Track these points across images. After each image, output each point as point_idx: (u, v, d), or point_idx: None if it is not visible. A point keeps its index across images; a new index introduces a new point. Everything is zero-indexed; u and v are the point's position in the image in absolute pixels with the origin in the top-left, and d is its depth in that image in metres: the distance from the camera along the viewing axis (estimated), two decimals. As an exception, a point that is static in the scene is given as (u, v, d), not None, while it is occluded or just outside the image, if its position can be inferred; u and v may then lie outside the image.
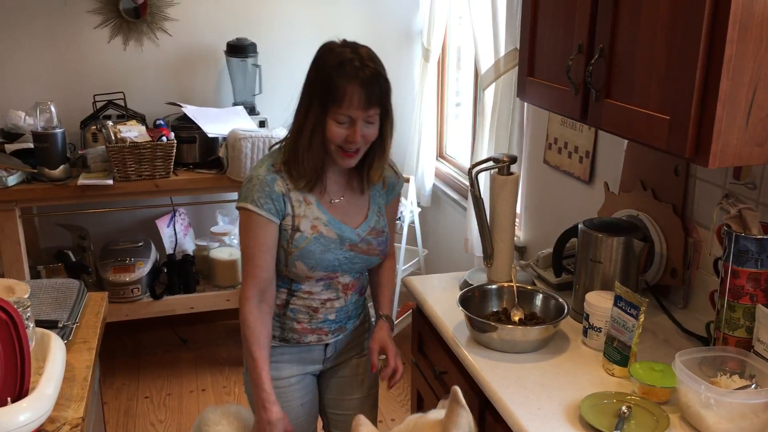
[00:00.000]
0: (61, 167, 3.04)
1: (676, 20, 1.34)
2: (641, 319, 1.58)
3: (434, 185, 3.69)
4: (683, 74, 1.33)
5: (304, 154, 1.71)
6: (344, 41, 1.72)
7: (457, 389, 1.37)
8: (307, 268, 1.78)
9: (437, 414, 1.46)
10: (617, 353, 1.62)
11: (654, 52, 1.41)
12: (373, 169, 1.81)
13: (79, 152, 3.21)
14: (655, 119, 1.41)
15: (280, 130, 3.19)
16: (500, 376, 1.63)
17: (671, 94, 1.37)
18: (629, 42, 1.49)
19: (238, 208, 1.76)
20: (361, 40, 1.73)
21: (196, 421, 1.95)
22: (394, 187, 1.93)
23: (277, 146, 1.83)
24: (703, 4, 1.26)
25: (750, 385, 1.43)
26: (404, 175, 3.51)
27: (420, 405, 2.17)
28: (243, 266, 1.78)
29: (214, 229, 3.61)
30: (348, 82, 1.63)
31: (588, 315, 1.74)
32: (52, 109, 3.01)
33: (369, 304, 2.04)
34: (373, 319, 2.00)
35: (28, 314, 1.56)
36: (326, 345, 1.91)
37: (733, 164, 1.35)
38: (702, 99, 1.31)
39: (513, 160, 1.97)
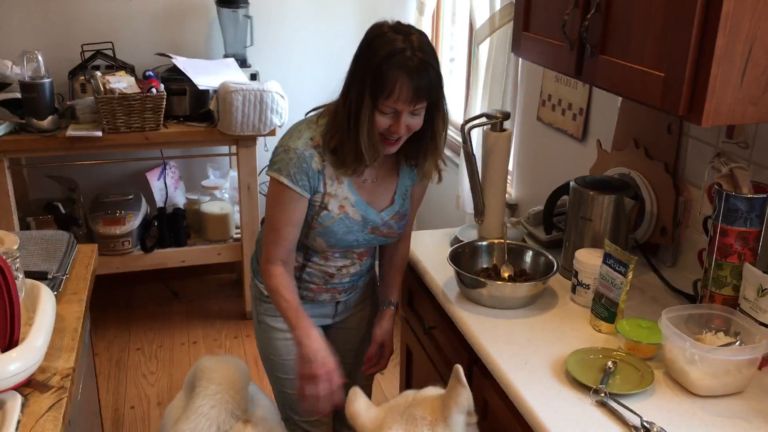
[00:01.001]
0: (50, 118, 3.00)
1: (675, -25, 1.31)
2: (629, 277, 1.59)
3: (427, 141, 3.66)
4: (679, 30, 1.31)
5: (366, 145, 1.65)
6: (397, 24, 1.64)
7: (459, 368, 1.39)
8: (326, 245, 1.79)
9: (433, 391, 1.48)
10: (605, 310, 1.64)
11: (651, 7, 1.39)
12: (427, 162, 1.78)
13: (68, 103, 3.17)
14: (649, 76, 1.40)
15: (272, 84, 3.16)
16: (489, 332, 1.64)
17: (667, 50, 1.35)
18: (626, -3, 1.46)
19: (269, 175, 1.72)
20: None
21: (191, 369, 1.95)
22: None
23: (313, 114, 1.78)
24: (703, -41, 1.23)
25: (734, 342, 1.45)
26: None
27: (409, 360, 2.20)
28: (266, 233, 1.77)
29: (204, 182, 3.60)
30: (398, 75, 1.57)
31: (577, 272, 1.75)
32: (40, 58, 2.96)
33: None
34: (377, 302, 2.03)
35: (17, 265, 1.56)
36: (338, 302, 1.95)
37: (727, 123, 1.34)
38: (697, 56, 1.29)
39: (506, 116, 1.96)
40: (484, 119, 1.98)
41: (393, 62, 1.57)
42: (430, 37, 3.55)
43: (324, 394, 1.70)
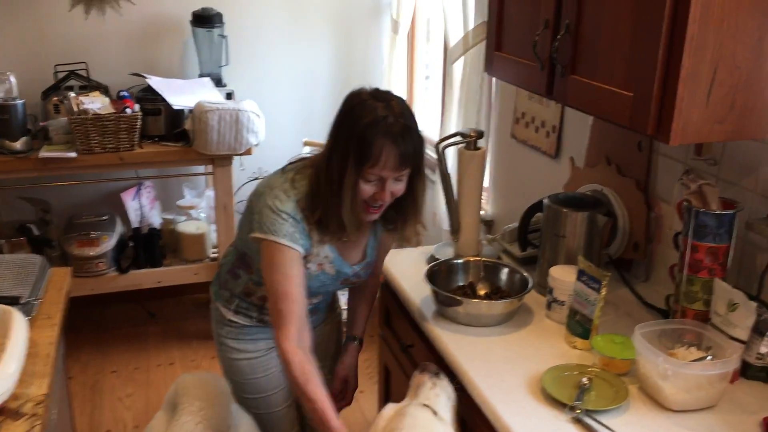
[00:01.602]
0: (22, 139, 2.98)
1: (641, -3, 1.34)
2: (603, 293, 1.60)
3: (403, 159, 3.68)
4: (646, 52, 1.34)
5: (346, 216, 1.64)
6: (375, 91, 1.64)
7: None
8: None
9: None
10: (579, 326, 1.65)
11: (618, 29, 1.42)
12: (408, 227, 1.77)
13: (41, 124, 3.14)
14: (618, 96, 1.43)
15: (247, 103, 3.16)
16: (465, 350, 1.65)
17: (635, 71, 1.38)
18: (594, 19, 1.49)
19: (264, 239, 1.65)
20: (330, 12, 1.71)
21: (171, 387, 1.92)
22: None
23: (290, 170, 1.74)
24: (667, -18, 1.26)
25: (706, 357, 1.47)
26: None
27: (387, 378, 2.20)
28: (275, 303, 1.67)
29: (180, 202, 3.58)
30: (383, 144, 1.57)
31: (552, 289, 1.77)
32: (12, 79, 2.94)
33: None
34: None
35: (-11, 291, 1.54)
36: None
37: (694, 141, 1.38)
38: (664, 77, 1.32)
39: (480, 135, 1.98)
40: (458, 138, 2.00)
41: (377, 130, 1.57)
42: (404, 55, 3.60)
43: None
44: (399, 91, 3.59)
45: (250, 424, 1.86)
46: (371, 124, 1.57)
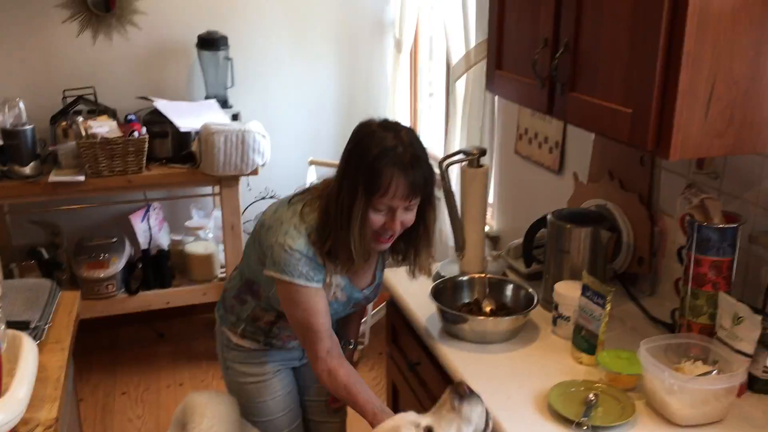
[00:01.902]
0: (32, 164, 3.01)
1: (637, 16, 1.36)
2: (608, 308, 1.61)
3: (408, 176, 3.70)
4: (644, 69, 1.35)
5: (357, 246, 1.64)
6: (384, 122, 1.65)
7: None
8: None
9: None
10: (585, 342, 1.65)
11: (616, 46, 1.43)
12: (421, 258, 1.78)
13: (50, 148, 3.18)
14: (617, 112, 1.44)
15: (253, 124, 3.19)
16: (472, 367, 1.65)
17: (633, 87, 1.39)
18: (593, 37, 1.51)
19: (277, 278, 1.67)
20: (335, 32, 1.73)
21: (180, 405, 1.93)
22: None
23: (297, 201, 1.74)
24: (663, 0, 1.28)
25: (712, 371, 1.47)
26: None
27: (395, 396, 2.20)
28: (303, 337, 1.72)
29: (188, 223, 3.60)
30: (393, 173, 1.57)
31: (557, 305, 1.77)
32: (21, 105, 2.98)
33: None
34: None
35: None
36: None
37: (694, 156, 1.38)
38: (663, 93, 1.33)
39: (482, 152, 1.99)
40: (461, 156, 2.01)
41: (387, 160, 1.57)
42: (408, 73, 3.63)
43: None
44: (403, 109, 3.62)
45: None
46: (381, 154, 1.58)
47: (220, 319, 1.96)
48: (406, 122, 3.57)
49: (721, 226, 1.54)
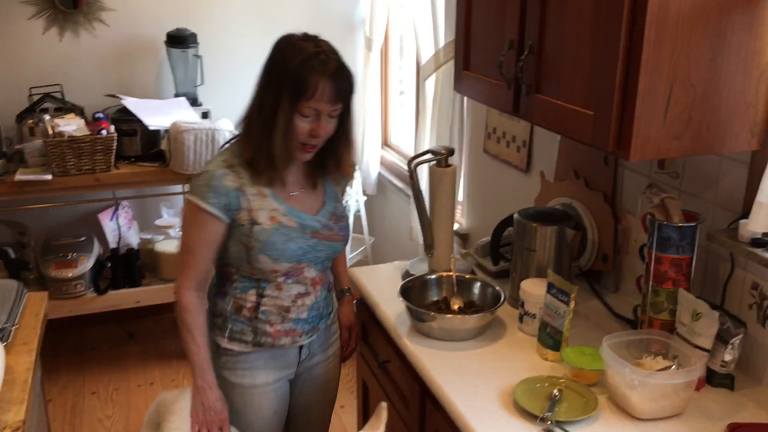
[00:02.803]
0: (-3, 163, 2.97)
1: (598, 21, 1.39)
2: (572, 306, 1.64)
3: (380, 173, 3.73)
4: (605, 72, 1.38)
5: (280, 150, 1.69)
6: (304, 35, 1.72)
7: (384, 405, 1.49)
8: (271, 260, 1.75)
9: None
10: (550, 338, 1.69)
11: (579, 50, 1.47)
12: (343, 163, 1.82)
13: (16, 147, 3.14)
14: (580, 114, 1.47)
15: (223, 122, 3.18)
16: (439, 365, 1.68)
17: (595, 90, 1.43)
18: (556, 40, 1.54)
19: (186, 198, 1.77)
20: (304, 30, 1.75)
21: (152, 405, 1.92)
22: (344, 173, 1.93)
23: (228, 144, 1.82)
24: (622, 7, 1.31)
25: (671, 366, 1.51)
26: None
27: (366, 394, 2.22)
28: (181, 256, 1.79)
29: (158, 222, 3.58)
30: (319, 76, 1.64)
31: (523, 302, 1.81)
32: (-14, 103, 2.94)
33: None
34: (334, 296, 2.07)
35: (-35, 318, 1.55)
36: (301, 347, 1.90)
37: (653, 158, 1.42)
38: (623, 96, 1.37)
39: (451, 152, 2.02)
40: (429, 155, 2.04)
41: (312, 65, 1.64)
42: (378, 72, 3.64)
43: (208, 425, 1.77)
44: (373, 107, 3.63)
45: None
46: (305, 60, 1.64)
47: (210, 325, 1.88)
48: (377, 119, 3.63)
49: (680, 224, 1.58)
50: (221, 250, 1.79)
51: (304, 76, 1.64)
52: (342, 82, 1.68)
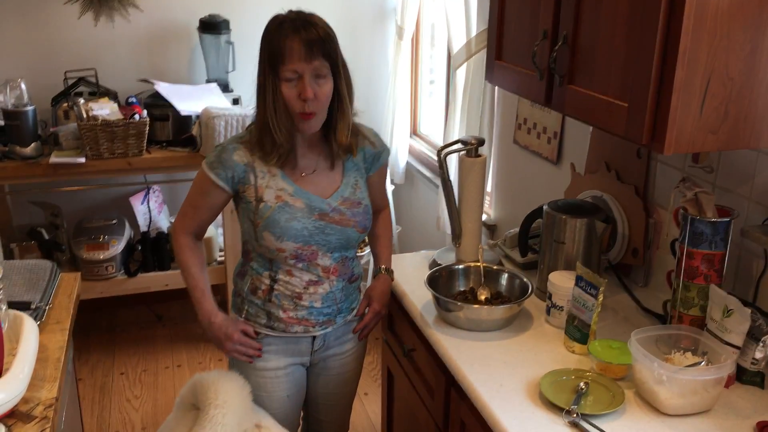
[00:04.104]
0: (33, 145, 3.02)
1: (635, 11, 1.37)
2: (600, 299, 1.63)
3: (408, 163, 3.72)
4: (641, 63, 1.37)
5: (275, 123, 1.72)
6: (288, 11, 1.74)
7: None
8: (274, 237, 1.77)
9: None
10: (577, 331, 1.68)
11: (614, 41, 1.45)
12: (338, 131, 1.79)
13: (51, 130, 3.19)
14: (614, 106, 1.46)
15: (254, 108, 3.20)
16: (465, 354, 1.68)
17: (629, 82, 1.41)
18: (591, 30, 1.52)
19: (201, 166, 1.85)
20: (335, 18, 1.76)
21: (186, 387, 1.92)
22: (377, 157, 1.91)
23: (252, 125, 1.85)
24: (660, -4, 1.29)
25: (701, 362, 1.50)
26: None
27: (390, 382, 2.23)
28: (184, 204, 1.90)
29: (188, 206, 3.61)
30: (286, 37, 1.67)
31: (551, 294, 1.80)
32: (23, 86, 2.99)
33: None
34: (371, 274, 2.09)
35: (0, 296, 1.58)
36: (314, 337, 1.91)
37: (688, 151, 1.40)
38: (658, 88, 1.35)
39: (481, 142, 2.01)
40: (459, 145, 2.03)
41: (281, 30, 1.68)
42: (409, 60, 3.63)
43: (240, 352, 1.88)
44: (403, 96, 3.62)
45: (272, 419, 1.88)
46: (276, 28, 1.70)
47: (232, 307, 1.95)
48: (406, 108, 3.62)
49: (713, 219, 1.56)
50: (240, 226, 1.88)
51: (275, 42, 1.68)
52: (310, 38, 1.67)
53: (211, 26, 3.42)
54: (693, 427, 1.42)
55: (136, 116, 3.08)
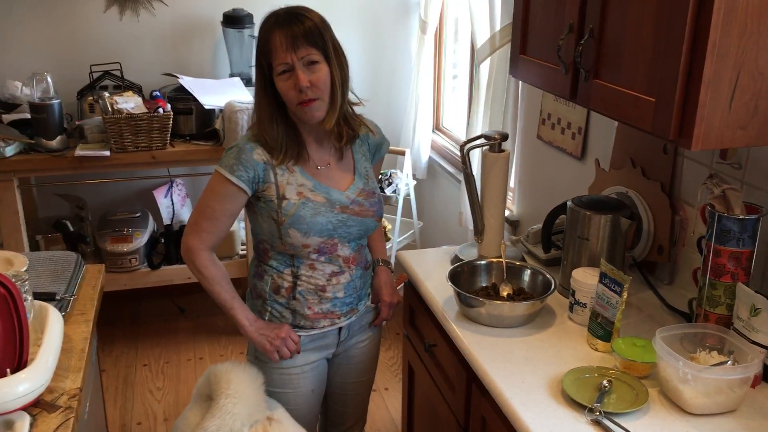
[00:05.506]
0: (58, 138, 3.06)
1: (664, 4, 1.35)
2: (624, 296, 1.61)
3: (430, 158, 3.71)
4: (669, 58, 1.34)
5: (272, 123, 1.74)
6: (280, 7, 1.75)
7: None
8: (300, 234, 1.77)
9: None
10: (601, 328, 1.66)
11: (641, 35, 1.42)
12: (329, 115, 1.77)
13: (76, 123, 3.23)
14: (641, 101, 1.43)
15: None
16: (487, 350, 1.67)
17: (657, 76, 1.39)
18: (618, 24, 1.50)
19: (214, 170, 1.80)
20: (359, 13, 1.77)
21: (201, 378, 1.94)
22: (379, 147, 1.96)
23: None
24: (689, -11, 1.27)
25: (727, 361, 1.48)
26: (400, 147, 3.53)
27: (411, 378, 2.22)
28: (197, 219, 1.82)
29: (211, 200, 3.63)
30: (272, 31, 1.69)
31: (574, 291, 1.78)
32: (49, 79, 3.02)
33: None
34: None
35: (26, 287, 1.60)
36: (340, 328, 1.93)
37: (716, 147, 1.37)
38: (686, 82, 1.33)
39: (504, 137, 1.99)
40: (482, 140, 2.01)
41: (267, 26, 1.71)
42: (432, 55, 3.61)
43: (283, 351, 1.85)
44: (426, 90, 3.60)
45: (285, 412, 1.89)
46: (262, 26, 1.72)
47: (250, 308, 1.93)
48: (429, 103, 3.61)
49: (741, 217, 1.53)
50: (255, 226, 1.84)
51: (264, 38, 1.70)
52: (296, 26, 1.68)
53: (235, 20, 3.43)
54: (718, 427, 1.40)
55: (160, 110, 3.10)
